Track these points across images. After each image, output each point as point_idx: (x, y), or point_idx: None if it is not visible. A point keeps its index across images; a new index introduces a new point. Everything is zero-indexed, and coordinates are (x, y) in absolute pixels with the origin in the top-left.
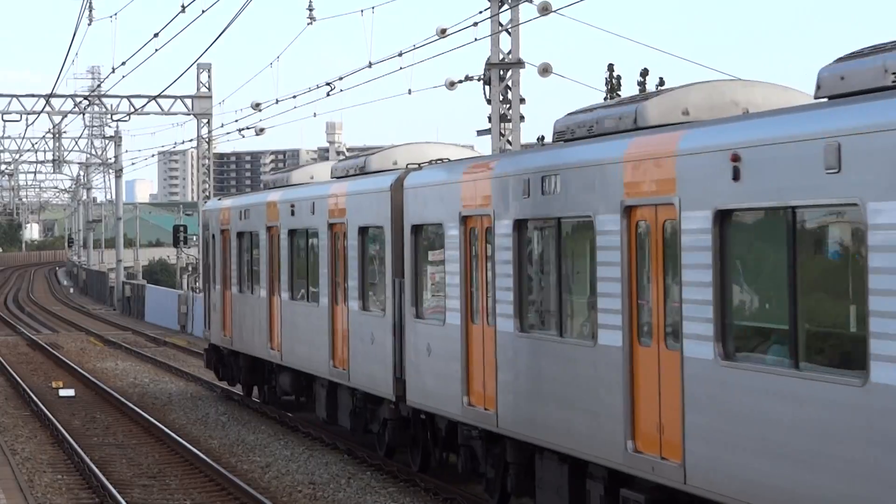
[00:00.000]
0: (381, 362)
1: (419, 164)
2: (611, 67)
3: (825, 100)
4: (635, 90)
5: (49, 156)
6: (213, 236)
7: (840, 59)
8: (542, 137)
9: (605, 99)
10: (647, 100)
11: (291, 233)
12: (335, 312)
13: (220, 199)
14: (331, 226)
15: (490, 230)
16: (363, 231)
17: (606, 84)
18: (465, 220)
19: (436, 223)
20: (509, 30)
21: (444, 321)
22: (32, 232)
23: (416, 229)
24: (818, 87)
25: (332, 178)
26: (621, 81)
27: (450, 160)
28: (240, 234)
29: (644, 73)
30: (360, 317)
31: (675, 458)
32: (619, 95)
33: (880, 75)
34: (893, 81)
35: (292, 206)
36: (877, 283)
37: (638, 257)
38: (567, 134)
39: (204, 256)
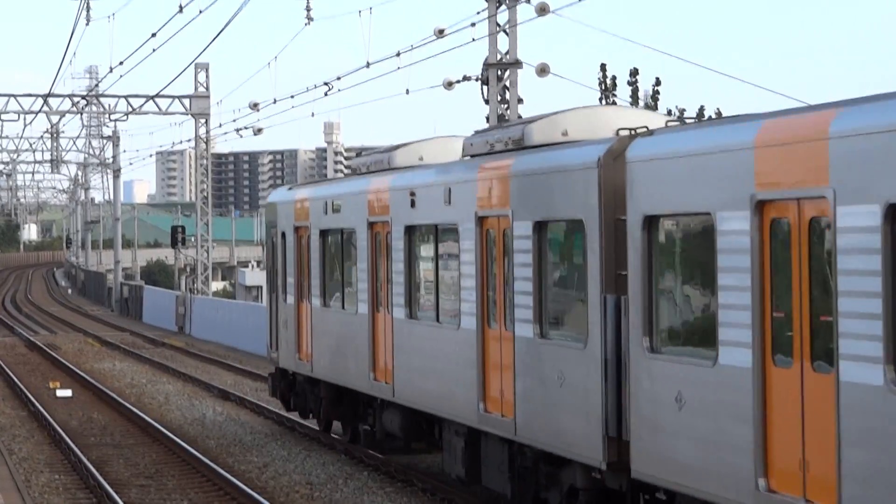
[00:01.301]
0: (576, 412)
1: (633, 131)
2: (603, 67)
3: None
4: (627, 91)
5: (47, 156)
6: (283, 235)
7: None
8: None
9: (600, 100)
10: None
11: (410, 230)
12: (488, 339)
13: (290, 189)
14: (481, 220)
15: (822, 222)
16: (541, 227)
17: (600, 84)
18: (760, 206)
19: (695, 212)
20: (507, 30)
21: (716, 360)
22: (30, 232)
23: (652, 222)
24: None
25: (466, 155)
26: (616, 82)
27: (671, 124)
28: (324, 233)
29: (634, 73)
30: (538, 347)
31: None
32: (615, 96)
33: None
34: None
35: (412, 194)
36: None
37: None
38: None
39: (269, 260)
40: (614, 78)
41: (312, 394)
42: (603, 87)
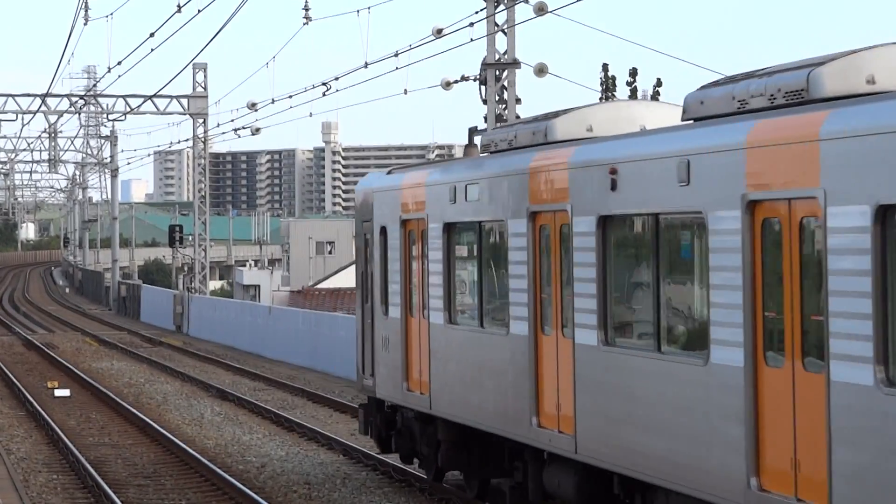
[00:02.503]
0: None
1: None
2: (605, 67)
3: None
4: (626, 91)
5: (45, 155)
6: (383, 231)
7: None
8: None
9: (601, 99)
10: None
11: (606, 222)
12: (767, 380)
13: (391, 172)
14: (752, 205)
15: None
16: (888, 212)
17: (601, 84)
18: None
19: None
20: (505, 30)
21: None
22: (28, 232)
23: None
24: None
25: (688, 118)
26: (616, 82)
27: None
28: (451, 228)
29: (633, 73)
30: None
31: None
32: (615, 95)
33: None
34: None
35: (613, 172)
36: None
37: None
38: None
39: (360, 262)
40: (614, 78)
41: (424, 434)
42: (604, 87)
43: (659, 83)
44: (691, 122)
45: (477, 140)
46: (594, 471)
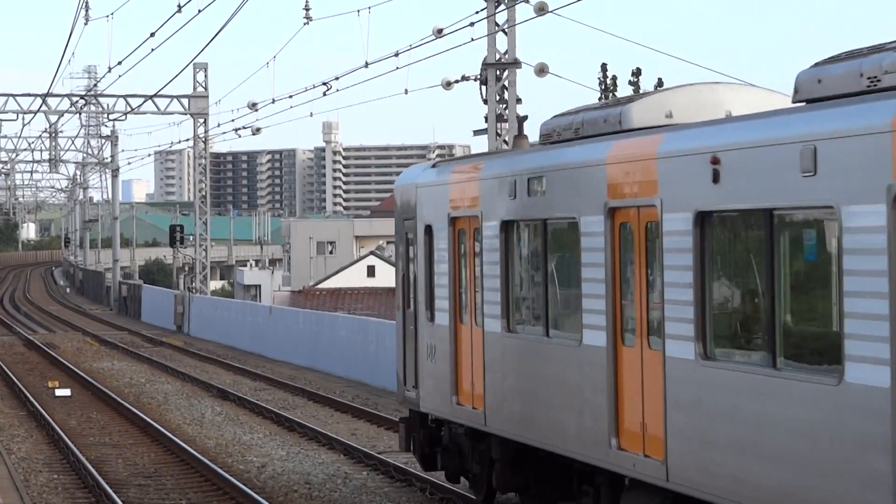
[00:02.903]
0: None
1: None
2: (604, 67)
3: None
4: (629, 90)
5: (45, 155)
6: (429, 230)
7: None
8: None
9: (600, 99)
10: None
11: (705, 219)
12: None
13: (436, 166)
14: None
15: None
16: None
17: (600, 84)
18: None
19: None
20: (506, 30)
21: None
22: (29, 231)
23: None
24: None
25: (800, 100)
26: (616, 82)
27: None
28: (510, 226)
29: (637, 72)
30: None
31: None
32: (615, 95)
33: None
34: None
35: (715, 162)
36: None
37: None
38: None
39: (402, 265)
40: (615, 78)
41: (475, 452)
42: (603, 87)
43: (660, 83)
44: (803, 104)
45: (527, 130)
46: (688, 501)
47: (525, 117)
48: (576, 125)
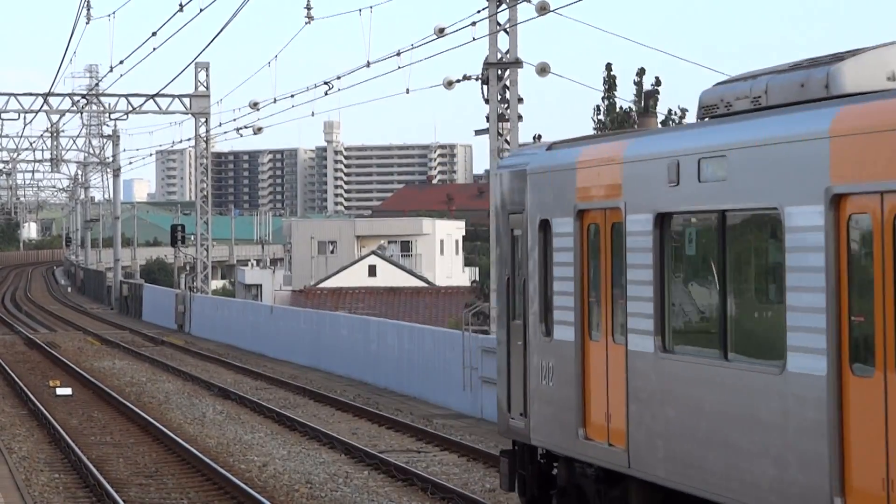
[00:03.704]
0: None
1: None
2: (609, 67)
3: None
4: (632, 90)
5: (47, 155)
6: (545, 225)
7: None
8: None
9: (603, 99)
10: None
11: None
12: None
13: (552, 148)
14: None
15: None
16: None
17: (604, 83)
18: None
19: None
20: (507, 29)
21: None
22: (30, 231)
23: None
24: None
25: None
26: (616, 82)
27: None
28: (669, 220)
29: (640, 72)
30: None
31: None
32: (616, 95)
33: None
34: None
35: None
36: None
37: None
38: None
39: (506, 268)
40: (614, 77)
41: (607, 499)
42: (606, 87)
43: (658, 82)
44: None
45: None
46: None
47: (652, 90)
48: (756, 93)
